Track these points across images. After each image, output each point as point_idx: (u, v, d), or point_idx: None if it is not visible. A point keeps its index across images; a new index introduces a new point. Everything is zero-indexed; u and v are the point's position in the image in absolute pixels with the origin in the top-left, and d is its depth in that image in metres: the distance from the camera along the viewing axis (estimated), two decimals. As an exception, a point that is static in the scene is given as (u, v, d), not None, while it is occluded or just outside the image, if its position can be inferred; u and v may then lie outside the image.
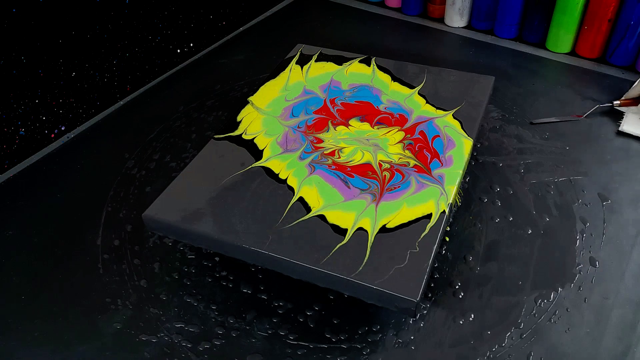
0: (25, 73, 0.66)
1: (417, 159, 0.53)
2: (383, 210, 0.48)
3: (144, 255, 0.56)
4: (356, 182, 0.51)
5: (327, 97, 0.63)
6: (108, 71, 0.76)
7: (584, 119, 0.70)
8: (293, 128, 0.59)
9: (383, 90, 0.63)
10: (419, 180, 0.51)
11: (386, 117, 0.59)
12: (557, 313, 0.48)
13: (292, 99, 0.63)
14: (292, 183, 0.52)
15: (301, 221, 0.48)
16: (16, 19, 0.62)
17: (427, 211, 0.48)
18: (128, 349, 0.47)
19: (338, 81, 0.65)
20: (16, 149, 0.68)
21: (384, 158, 0.54)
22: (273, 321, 0.49)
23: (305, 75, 0.67)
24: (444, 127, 0.57)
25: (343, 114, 0.60)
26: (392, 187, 0.50)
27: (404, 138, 0.56)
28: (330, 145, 0.56)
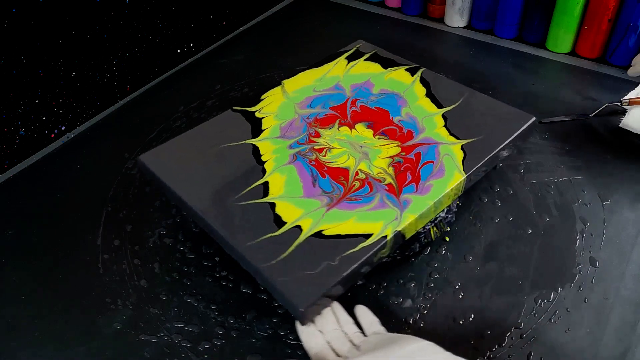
0: (25, 73, 0.66)
1: (395, 179, 0.51)
2: (331, 217, 0.48)
3: (144, 255, 0.56)
4: (324, 183, 0.51)
5: (352, 96, 0.62)
6: (108, 71, 0.76)
7: (591, 117, 0.70)
8: (302, 117, 0.59)
9: (410, 102, 0.61)
10: (383, 199, 0.49)
11: (393, 130, 0.57)
12: (557, 313, 0.48)
13: (320, 91, 0.63)
14: (268, 167, 0.53)
15: (252, 203, 0.49)
16: (16, 19, 0.62)
17: (370, 231, 0.46)
18: (128, 349, 0.47)
19: (372, 84, 0.64)
20: (16, 149, 0.68)
21: (365, 168, 0.53)
22: (273, 321, 0.49)
23: (346, 71, 0.66)
24: (444, 155, 0.54)
25: (355, 116, 0.60)
26: (354, 198, 0.50)
27: (396, 154, 0.54)
28: (323, 143, 0.56)
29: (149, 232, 0.58)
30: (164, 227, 0.58)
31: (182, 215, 0.60)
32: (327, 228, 0.47)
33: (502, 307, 0.49)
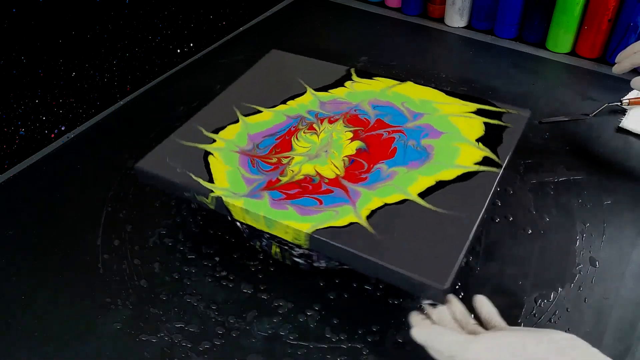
0: (25, 73, 0.66)
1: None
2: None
3: (144, 255, 0.56)
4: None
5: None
6: (108, 71, 0.76)
7: (592, 117, 0.70)
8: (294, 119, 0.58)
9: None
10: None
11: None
12: (557, 313, 0.48)
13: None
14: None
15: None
16: (16, 19, 0.62)
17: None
18: (128, 349, 0.47)
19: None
20: (16, 149, 0.68)
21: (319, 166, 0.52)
22: (273, 321, 0.49)
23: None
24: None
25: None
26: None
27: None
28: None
29: (149, 232, 0.58)
30: (164, 227, 0.58)
31: (182, 216, 0.60)
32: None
33: (502, 307, 0.49)
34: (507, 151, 0.52)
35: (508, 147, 0.52)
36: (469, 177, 0.49)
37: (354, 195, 0.49)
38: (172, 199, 0.62)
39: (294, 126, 0.57)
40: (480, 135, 0.53)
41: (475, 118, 0.56)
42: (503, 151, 0.52)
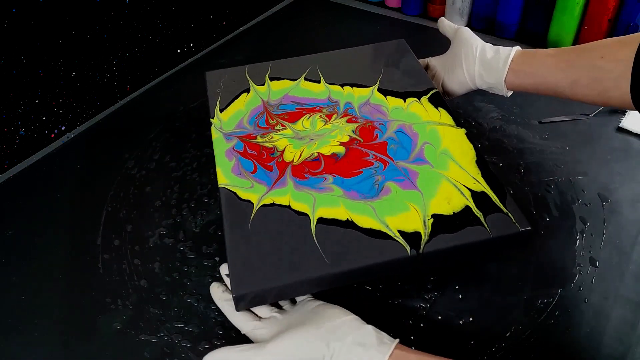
0: (25, 73, 0.66)
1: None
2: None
3: (144, 255, 0.56)
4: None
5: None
6: (108, 71, 0.76)
7: (592, 117, 0.70)
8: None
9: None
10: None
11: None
12: (557, 313, 0.48)
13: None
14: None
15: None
16: (16, 19, 0.62)
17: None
18: (128, 349, 0.47)
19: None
20: (16, 149, 0.68)
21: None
22: (273, 321, 0.49)
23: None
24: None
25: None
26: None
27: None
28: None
29: (149, 232, 0.58)
30: (164, 227, 0.58)
31: (182, 216, 0.60)
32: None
33: (502, 307, 0.49)
34: (437, 243, 0.46)
35: (447, 240, 0.46)
36: (380, 236, 0.46)
37: (280, 183, 0.52)
38: (172, 199, 0.62)
39: (321, 107, 0.61)
40: (443, 214, 0.48)
41: (461, 197, 0.50)
42: (439, 240, 0.46)
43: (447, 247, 0.46)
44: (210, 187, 0.63)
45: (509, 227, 0.47)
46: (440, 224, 0.47)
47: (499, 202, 0.49)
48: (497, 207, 0.49)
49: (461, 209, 0.48)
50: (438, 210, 0.48)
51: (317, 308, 0.44)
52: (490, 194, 0.50)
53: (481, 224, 0.47)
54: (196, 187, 0.63)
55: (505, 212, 0.48)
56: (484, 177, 0.51)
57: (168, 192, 0.63)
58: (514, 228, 0.47)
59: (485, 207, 0.49)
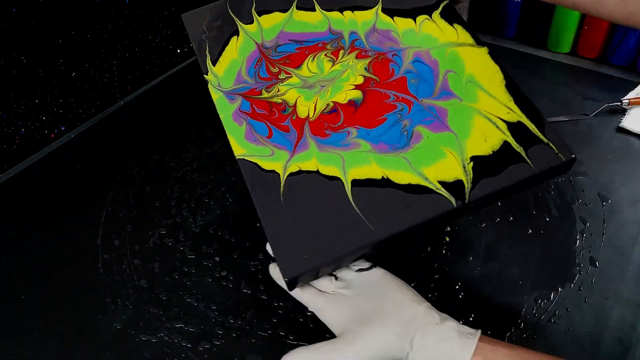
0: (25, 73, 0.66)
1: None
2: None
3: (144, 255, 0.56)
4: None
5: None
6: (108, 71, 0.76)
7: (592, 117, 0.70)
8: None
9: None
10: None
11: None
12: (557, 313, 0.48)
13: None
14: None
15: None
16: (16, 19, 0.62)
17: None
18: (128, 349, 0.47)
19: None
20: (16, 149, 0.68)
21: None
22: (273, 321, 0.49)
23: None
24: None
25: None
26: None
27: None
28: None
29: (149, 232, 0.58)
30: (164, 227, 0.58)
31: (182, 216, 0.60)
32: None
33: (502, 307, 0.49)
34: (483, 189, 0.43)
35: (492, 184, 0.43)
36: (420, 191, 0.43)
37: (302, 145, 0.46)
38: (172, 199, 0.62)
39: (323, 42, 0.53)
40: (482, 155, 0.44)
41: (498, 132, 0.45)
42: (483, 186, 0.43)
43: (492, 191, 0.43)
44: (210, 187, 0.63)
45: (553, 159, 0.44)
46: (481, 167, 0.43)
47: (538, 131, 0.45)
48: (537, 138, 0.44)
49: (500, 146, 0.44)
50: (476, 152, 0.44)
51: (384, 285, 0.42)
52: (526, 122, 0.45)
53: (523, 160, 0.43)
54: (196, 187, 0.63)
55: (546, 142, 0.44)
56: (517, 104, 0.46)
57: (168, 192, 0.63)
58: (557, 159, 0.44)
59: (524, 139, 0.44)
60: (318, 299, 0.43)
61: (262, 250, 0.55)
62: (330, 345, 0.41)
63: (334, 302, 0.43)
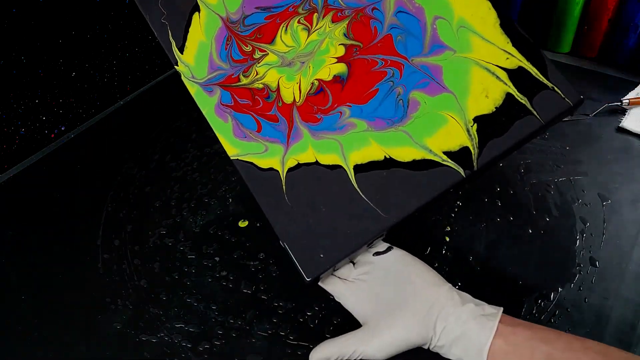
0: (25, 73, 0.66)
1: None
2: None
3: (144, 255, 0.56)
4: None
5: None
6: (108, 71, 0.76)
7: (592, 117, 0.70)
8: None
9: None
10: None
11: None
12: (557, 313, 0.48)
13: None
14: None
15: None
16: (16, 19, 0.62)
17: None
18: (128, 349, 0.47)
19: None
20: (16, 149, 0.68)
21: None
22: (273, 321, 0.49)
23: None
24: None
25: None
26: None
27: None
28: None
29: (149, 232, 0.58)
30: (164, 227, 0.58)
31: (182, 216, 0.60)
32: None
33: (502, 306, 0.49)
34: (490, 152, 0.41)
35: (499, 145, 0.41)
36: (426, 166, 0.41)
37: (295, 135, 0.44)
38: (172, 199, 0.62)
39: (293, 5, 0.47)
40: (485, 113, 0.42)
41: (499, 83, 0.42)
42: (490, 149, 0.41)
43: (500, 153, 0.41)
44: (211, 187, 0.63)
45: (560, 105, 0.41)
46: (486, 127, 0.41)
47: (540, 74, 0.42)
48: (541, 83, 0.41)
49: (502, 100, 0.41)
50: (479, 111, 0.41)
51: (404, 270, 0.42)
52: (528, 67, 0.42)
53: (529, 112, 0.41)
54: (196, 187, 0.63)
55: (550, 87, 0.41)
56: (515, 46, 0.42)
57: (168, 192, 0.63)
58: (564, 104, 0.41)
59: (527, 86, 0.41)
60: (340, 287, 0.44)
61: (262, 250, 0.55)
62: (357, 337, 0.41)
63: (356, 290, 0.43)
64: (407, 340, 0.40)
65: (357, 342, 0.41)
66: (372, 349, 0.40)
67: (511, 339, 0.37)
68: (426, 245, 0.55)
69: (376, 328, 0.41)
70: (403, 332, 0.40)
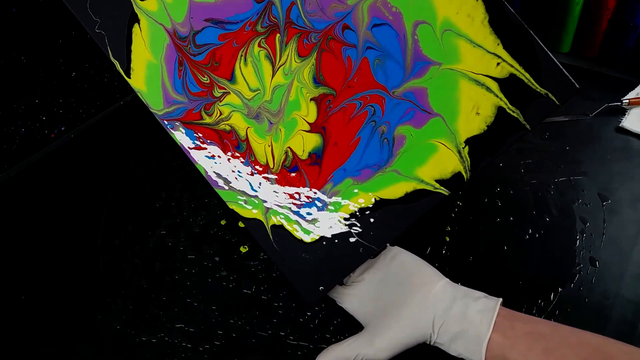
0: (25, 73, 0.66)
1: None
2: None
3: (144, 255, 0.56)
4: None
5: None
6: (108, 71, 0.76)
7: (592, 117, 0.70)
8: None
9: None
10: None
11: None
12: (557, 313, 0.48)
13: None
14: None
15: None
16: (16, 19, 0.62)
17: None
18: (128, 349, 0.47)
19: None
20: (16, 149, 0.68)
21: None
22: (273, 321, 0.49)
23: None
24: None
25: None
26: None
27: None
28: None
29: (149, 232, 0.58)
30: (165, 227, 0.58)
31: (183, 216, 0.60)
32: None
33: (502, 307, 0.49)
34: (479, 170, 0.39)
35: (486, 164, 0.39)
36: (419, 196, 0.40)
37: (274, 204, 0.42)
38: (172, 199, 0.62)
39: (250, 22, 0.40)
40: (476, 133, 0.39)
41: (489, 95, 0.39)
42: (480, 168, 0.39)
43: (492, 161, 0.39)
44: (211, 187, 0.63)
45: (551, 107, 0.38)
46: (478, 148, 0.39)
47: (533, 80, 0.38)
48: (533, 91, 0.38)
49: (494, 116, 0.38)
50: (470, 132, 0.38)
51: (400, 269, 0.42)
52: (519, 73, 0.38)
53: (522, 127, 0.38)
54: (197, 187, 0.63)
55: (544, 94, 0.38)
56: (506, 47, 0.38)
57: (168, 192, 0.63)
58: (555, 106, 0.38)
59: (520, 96, 0.38)
60: (340, 291, 0.44)
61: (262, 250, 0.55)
62: (359, 340, 0.41)
63: (354, 294, 0.43)
64: (408, 340, 0.40)
65: (360, 345, 0.41)
66: (374, 351, 0.40)
67: (509, 333, 0.38)
68: (426, 245, 0.55)
69: (377, 329, 0.41)
70: (402, 332, 0.40)
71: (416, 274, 0.42)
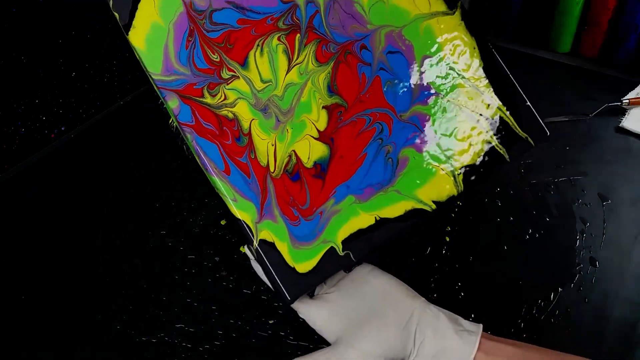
0: (25, 73, 0.66)
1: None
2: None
3: (144, 255, 0.56)
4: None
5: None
6: (108, 71, 0.76)
7: (592, 117, 0.70)
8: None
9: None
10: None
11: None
12: (557, 313, 0.48)
13: None
14: None
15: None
16: (16, 19, 0.62)
17: None
18: (128, 349, 0.47)
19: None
20: (16, 149, 0.68)
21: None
22: (273, 321, 0.49)
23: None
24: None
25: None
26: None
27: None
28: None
29: (149, 232, 0.58)
30: (165, 227, 0.58)
31: (183, 216, 0.60)
32: None
33: (502, 307, 0.49)
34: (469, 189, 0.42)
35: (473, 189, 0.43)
36: (417, 215, 0.41)
37: (269, 213, 0.39)
38: (172, 199, 0.62)
39: (272, 17, 0.40)
40: (469, 163, 0.43)
41: (482, 132, 0.43)
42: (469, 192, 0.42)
43: (477, 187, 0.43)
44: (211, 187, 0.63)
45: (528, 147, 0.44)
46: (471, 175, 0.42)
47: (516, 125, 0.43)
48: (516, 134, 0.43)
49: (484, 151, 0.42)
50: (464, 160, 0.42)
51: (375, 283, 0.41)
52: (505, 116, 0.43)
53: (505, 161, 0.43)
54: (197, 187, 0.63)
55: (524, 137, 0.43)
56: (497, 92, 0.43)
57: (168, 192, 0.63)
58: (530, 146, 0.44)
59: (505, 135, 0.43)
60: (308, 305, 0.41)
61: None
62: (330, 352, 0.39)
63: (326, 307, 0.41)
64: (387, 351, 0.39)
65: (332, 357, 0.39)
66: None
67: (493, 353, 0.38)
68: (426, 245, 0.55)
69: (352, 341, 0.39)
70: (379, 345, 0.39)
71: (394, 286, 0.42)
